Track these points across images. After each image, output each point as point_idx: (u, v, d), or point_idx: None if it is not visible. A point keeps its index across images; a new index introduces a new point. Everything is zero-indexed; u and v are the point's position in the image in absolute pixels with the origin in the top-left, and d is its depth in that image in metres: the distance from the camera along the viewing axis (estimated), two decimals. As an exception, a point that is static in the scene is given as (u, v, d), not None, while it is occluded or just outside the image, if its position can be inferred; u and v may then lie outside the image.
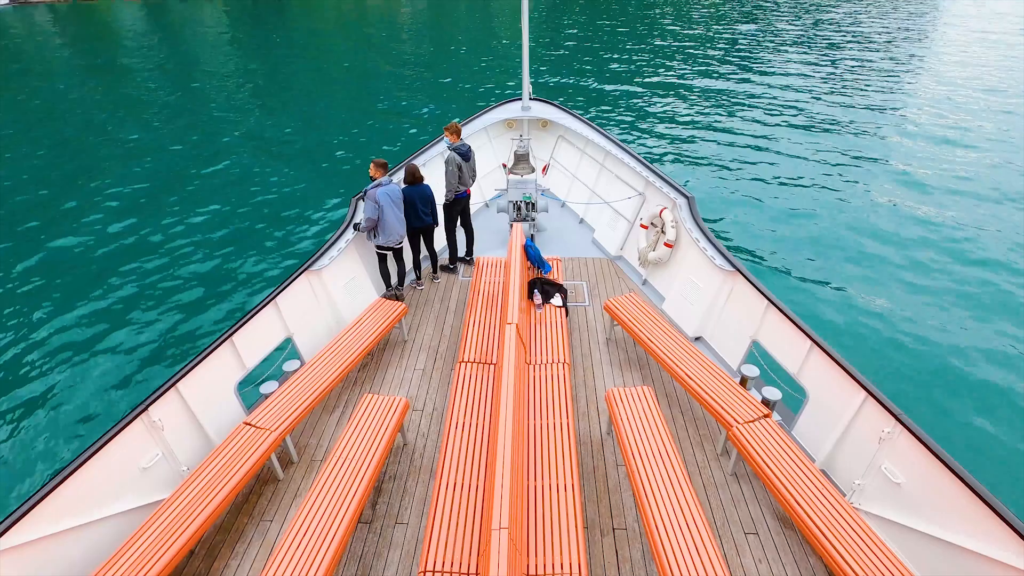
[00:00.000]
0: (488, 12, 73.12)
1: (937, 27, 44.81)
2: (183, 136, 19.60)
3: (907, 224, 12.31)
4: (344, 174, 15.57)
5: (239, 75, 32.87)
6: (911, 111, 21.55)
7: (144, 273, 10.78)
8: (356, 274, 7.08)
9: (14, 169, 16.43)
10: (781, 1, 73.30)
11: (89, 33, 54.17)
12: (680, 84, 26.55)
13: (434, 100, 24.47)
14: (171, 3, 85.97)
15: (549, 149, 10.53)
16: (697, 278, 6.76)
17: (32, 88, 28.61)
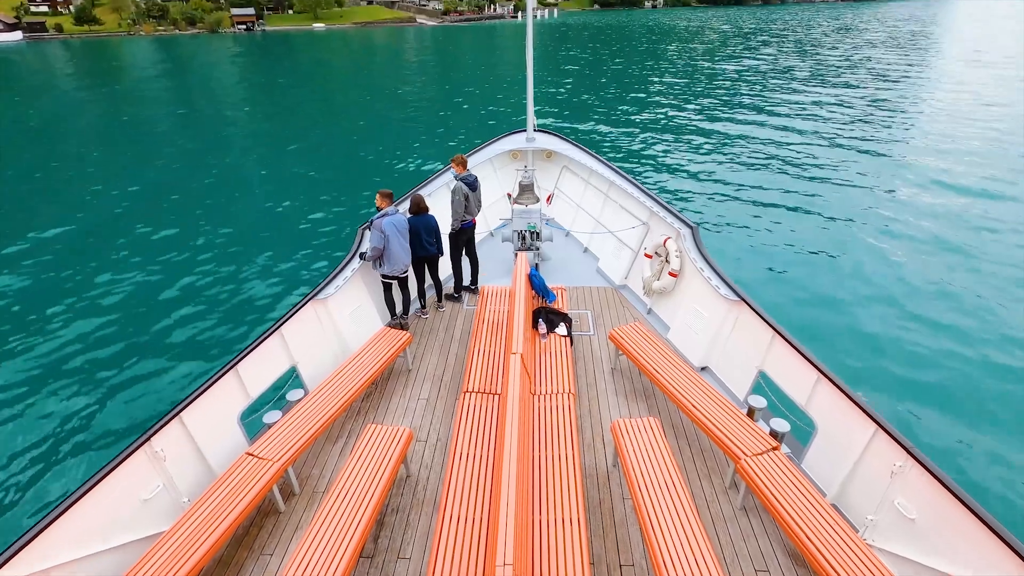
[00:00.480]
0: (493, 45, 74.95)
1: (934, 67, 45.53)
2: (190, 165, 20.01)
3: (915, 254, 12.30)
4: (350, 204, 15.78)
5: (247, 106, 33.65)
6: (916, 141, 21.81)
7: (149, 301, 10.86)
8: (361, 303, 7.11)
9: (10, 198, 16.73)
10: (784, 38, 74.90)
11: (101, 66, 55.53)
12: (683, 116, 26.97)
13: (439, 131, 24.93)
14: (181, 38, 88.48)
15: (553, 179, 10.66)
16: (702, 307, 6.74)
17: (41, 117, 29.30)
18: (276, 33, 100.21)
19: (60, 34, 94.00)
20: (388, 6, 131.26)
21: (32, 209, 15.92)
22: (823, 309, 10.17)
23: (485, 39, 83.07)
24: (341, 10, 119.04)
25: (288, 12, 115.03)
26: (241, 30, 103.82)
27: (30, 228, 14.44)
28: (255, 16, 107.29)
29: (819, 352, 5.40)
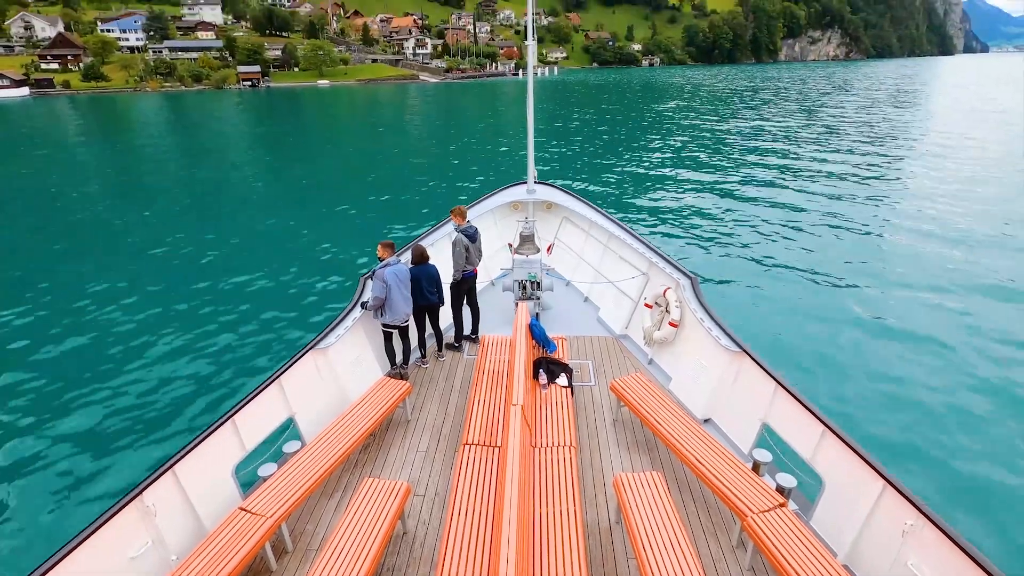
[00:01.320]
0: (494, 101, 77.80)
1: (929, 121, 47.12)
2: (193, 215, 20.40)
3: (919, 305, 12.36)
4: (352, 254, 16.00)
5: (251, 160, 34.64)
6: (914, 191, 22.37)
7: (147, 351, 10.85)
8: (362, 352, 7.12)
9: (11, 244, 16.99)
10: (779, 95, 77.81)
11: (108, 122, 57.30)
12: (681, 169, 27.71)
13: (442, 183, 25.57)
14: (187, 94, 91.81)
15: (554, 230, 10.88)
16: (703, 358, 6.75)
17: (47, 170, 30.04)
18: (281, 89, 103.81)
19: (67, 90, 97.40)
20: (392, 64, 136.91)
21: (27, 262, 16.15)
22: (825, 360, 10.15)
23: (487, 95, 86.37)
24: (346, 68, 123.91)
25: (294, 70, 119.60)
26: (246, 86, 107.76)
27: (22, 281, 14.58)
28: (260, 73, 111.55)
29: (823, 404, 5.36)
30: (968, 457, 7.85)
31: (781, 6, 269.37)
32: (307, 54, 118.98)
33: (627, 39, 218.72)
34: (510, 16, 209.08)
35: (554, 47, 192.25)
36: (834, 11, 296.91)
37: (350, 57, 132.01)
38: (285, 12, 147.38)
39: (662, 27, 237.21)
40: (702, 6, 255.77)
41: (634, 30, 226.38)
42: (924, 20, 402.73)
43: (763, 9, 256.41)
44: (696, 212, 19.77)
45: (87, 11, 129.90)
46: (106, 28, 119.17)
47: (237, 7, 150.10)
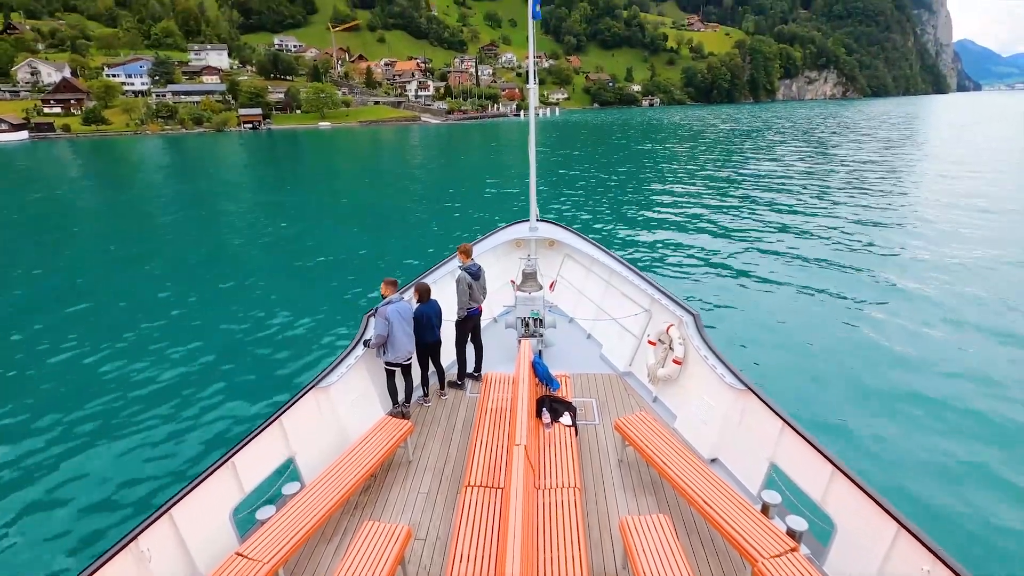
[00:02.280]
0: (496, 141, 79.59)
1: (928, 160, 47.88)
2: (191, 255, 20.67)
3: (929, 345, 12.34)
4: (355, 292, 16.13)
5: (248, 200, 35.30)
6: (920, 224, 22.61)
7: (146, 390, 10.86)
8: (364, 391, 7.15)
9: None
10: (779, 133, 79.49)
11: (109, 165, 58.47)
12: (682, 206, 28.10)
13: (445, 221, 25.97)
14: (187, 137, 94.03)
15: (556, 267, 11.03)
16: (708, 396, 6.76)
17: (48, 217, 30.55)
18: (281, 131, 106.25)
19: (67, 133, 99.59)
20: (394, 106, 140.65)
21: (27, 305, 16.31)
22: (832, 399, 10.11)
23: (489, 136, 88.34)
24: (347, 110, 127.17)
25: (296, 112, 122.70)
26: (247, 129, 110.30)
27: (21, 320, 14.71)
28: (262, 116, 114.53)
29: (832, 444, 5.33)
30: (987, 501, 7.72)
31: (777, 48, 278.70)
32: (309, 96, 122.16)
33: (627, 80, 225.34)
34: (512, 59, 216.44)
35: (555, 88, 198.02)
36: (829, 52, 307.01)
37: (352, 99, 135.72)
38: (290, 57, 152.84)
39: (661, 69, 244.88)
40: (699, 48, 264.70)
41: (633, 72, 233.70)
42: (917, 60, 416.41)
43: (759, 51, 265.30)
44: (697, 248, 19.99)
45: (95, 57, 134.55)
46: (112, 73, 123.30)
47: (244, 53, 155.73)
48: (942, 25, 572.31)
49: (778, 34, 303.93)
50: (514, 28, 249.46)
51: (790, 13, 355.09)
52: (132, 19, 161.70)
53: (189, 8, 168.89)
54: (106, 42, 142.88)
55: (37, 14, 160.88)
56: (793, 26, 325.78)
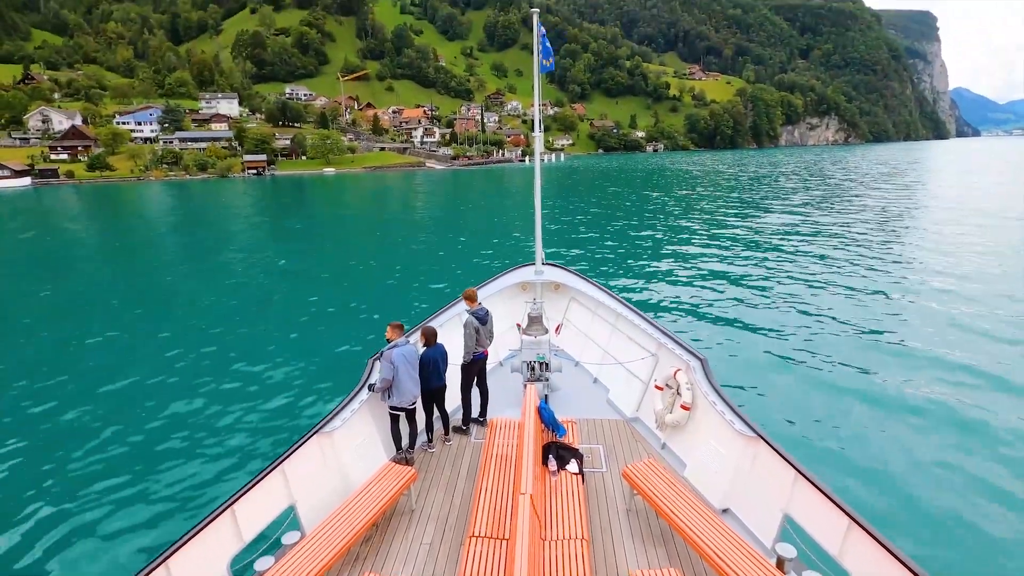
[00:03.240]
0: (502, 186, 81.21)
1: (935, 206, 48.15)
2: (199, 301, 20.80)
3: (948, 390, 12.20)
4: (360, 336, 16.21)
5: (253, 244, 35.81)
6: (930, 266, 22.66)
7: (145, 435, 10.82)
8: (368, 435, 7.15)
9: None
10: (786, 177, 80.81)
11: (112, 210, 59.69)
12: (688, 250, 28.36)
13: (450, 264, 26.29)
14: (191, 183, 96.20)
15: (562, 311, 11.13)
16: (718, 443, 6.71)
17: (52, 264, 31.01)
18: (285, 177, 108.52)
19: (70, 179, 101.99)
20: (399, 152, 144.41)
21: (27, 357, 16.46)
22: (846, 446, 9.95)
23: (493, 181, 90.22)
24: (352, 156, 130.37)
25: (302, 158, 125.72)
26: (251, 175, 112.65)
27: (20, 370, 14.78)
28: (266, 162, 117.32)
29: (849, 494, 5.24)
30: (1014, 557, 7.49)
31: (778, 96, 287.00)
32: (315, 143, 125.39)
33: (630, 127, 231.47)
34: (517, 107, 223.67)
35: (560, 135, 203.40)
36: (829, 100, 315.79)
37: (358, 145, 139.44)
38: (299, 105, 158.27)
39: (664, 116, 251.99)
40: (701, 96, 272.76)
41: (637, 119, 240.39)
42: (916, 107, 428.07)
43: (760, 99, 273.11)
44: (703, 292, 20.08)
45: (108, 105, 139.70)
46: (123, 120, 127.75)
47: (254, 102, 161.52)
48: (937, 74, 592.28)
49: (778, 83, 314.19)
50: (520, 77, 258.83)
51: (788, 63, 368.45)
52: (148, 70, 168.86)
53: (204, 60, 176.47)
54: (120, 91, 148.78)
55: (57, 65, 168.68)
56: (792, 75, 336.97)
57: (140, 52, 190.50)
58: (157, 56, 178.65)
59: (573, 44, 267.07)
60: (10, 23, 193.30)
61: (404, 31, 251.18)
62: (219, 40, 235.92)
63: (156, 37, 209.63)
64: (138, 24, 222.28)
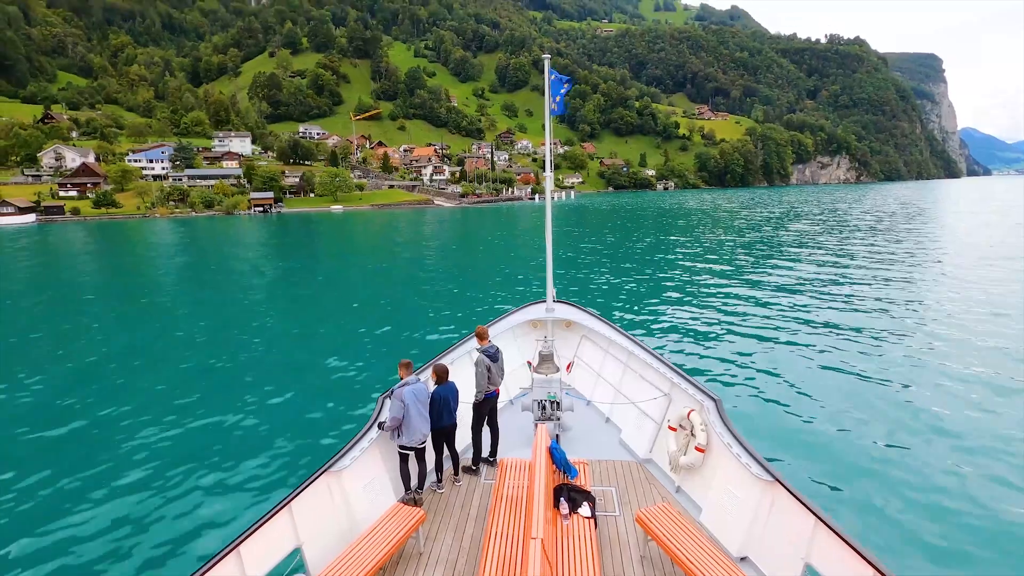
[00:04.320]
0: (512, 224, 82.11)
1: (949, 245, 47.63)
2: (202, 341, 20.97)
3: (980, 433, 11.93)
4: (370, 374, 16.25)
5: (264, 283, 36.23)
6: (950, 305, 22.24)
7: (149, 473, 10.80)
8: (376, 475, 7.13)
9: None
10: (800, 217, 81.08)
11: (117, 246, 60.44)
12: (702, 288, 28.38)
13: (460, 302, 26.44)
14: (197, 220, 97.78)
15: (573, 348, 11.15)
16: (734, 487, 6.61)
17: (55, 301, 31.48)
18: (292, 214, 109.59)
19: (75, 216, 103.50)
20: (408, 190, 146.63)
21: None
22: (869, 491, 9.70)
23: (503, 219, 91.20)
24: (360, 193, 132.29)
25: (310, 195, 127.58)
26: (257, 212, 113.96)
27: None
28: (273, 199, 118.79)
29: (873, 543, 5.12)
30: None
31: (787, 135, 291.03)
32: (323, 180, 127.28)
33: (640, 165, 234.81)
34: (528, 145, 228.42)
35: (570, 173, 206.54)
36: (839, 139, 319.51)
37: (366, 183, 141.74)
38: (310, 143, 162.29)
39: (674, 155, 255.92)
40: (711, 136, 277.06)
41: (647, 157, 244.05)
42: (926, 147, 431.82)
43: (771, 138, 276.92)
44: (715, 331, 19.99)
45: (122, 143, 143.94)
46: (135, 158, 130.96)
47: (267, 140, 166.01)
48: (945, 114, 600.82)
49: (787, 122, 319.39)
50: (530, 117, 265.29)
51: (796, 104, 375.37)
52: (166, 110, 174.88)
53: (221, 100, 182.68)
54: (136, 130, 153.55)
55: (78, 105, 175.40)
56: (801, 115, 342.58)
57: (160, 93, 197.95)
58: (176, 97, 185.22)
59: (583, 85, 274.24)
60: (37, 66, 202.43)
61: (418, 72, 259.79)
62: (237, 82, 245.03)
63: (176, 79, 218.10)
64: (160, 66, 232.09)
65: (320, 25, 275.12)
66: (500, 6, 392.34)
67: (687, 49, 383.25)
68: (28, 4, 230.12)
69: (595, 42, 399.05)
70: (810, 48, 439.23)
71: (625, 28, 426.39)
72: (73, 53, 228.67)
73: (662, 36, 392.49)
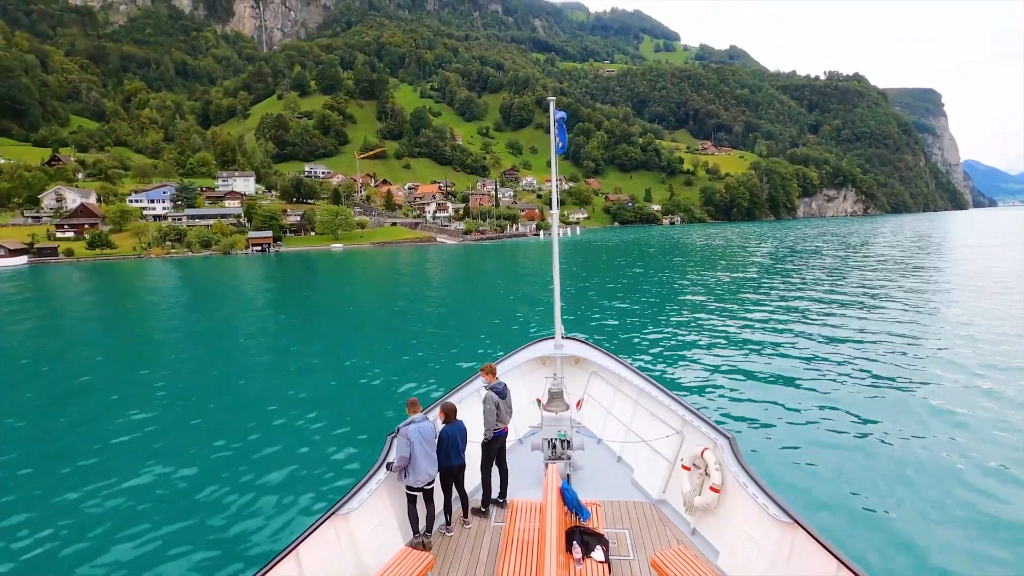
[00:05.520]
0: (516, 260, 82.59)
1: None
2: (203, 381, 20.99)
3: (1006, 471, 11.68)
4: (378, 413, 16.20)
5: (265, 323, 36.44)
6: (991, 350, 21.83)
7: (150, 517, 10.68)
8: (385, 517, 7.06)
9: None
10: (809, 249, 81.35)
11: (112, 287, 60.54)
12: (712, 324, 28.30)
13: (467, 339, 26.46)
14: (193, 260, 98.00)
15: (582, 385, 11.11)
16: (752, 529, 6.49)
17: (46, 348, 31.69)
18: (291, 253, 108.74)
19: (69, 258, 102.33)
20: (411, 227, 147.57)
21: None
22: (894, 534, 9.47)
23: (508, 255, 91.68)
24: (362, 231, 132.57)
25: (311, 234, 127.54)
26: (255, 251, 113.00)
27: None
28: (272, 238, 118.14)
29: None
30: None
31: (792, 169, 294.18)
32: (324, 219, 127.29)
33: (645, 200, 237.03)
34: (532, 182, 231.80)
35: (575, 208, 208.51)
36: (844, 172, 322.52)
37: (368, 220, 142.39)
38: (314, 181, 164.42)
39: (679, 189, 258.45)
40: (715, 170, 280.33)
41: (652, 192, 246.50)
42: (932, 179, 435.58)
43: (775, 172, 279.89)
44: (727, 367, 19.86)
45: (126, 184, 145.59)
46: (136, 199, 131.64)
47: (271, 179, 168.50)
48: (947, 146, 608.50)
49: (791, 156, 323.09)
50: (534, 154, 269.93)
51: (799, 138, 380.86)
52: (173, 151, 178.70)
53: (227, 141, 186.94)
54: (141, 171, 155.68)
55: (87, 148, 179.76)
56: (805, 149, 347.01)
57: (170, 135, 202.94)
58: (184, 138, 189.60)
59: (587, 123, 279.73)
60: (51, 110, 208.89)
61: (423, 112, 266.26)
62: (246, 123, 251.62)
63: (186, 122, 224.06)
64: (171, 110, 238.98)
65: (328, 68, 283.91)
66: (504, 49, 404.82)
67: (688, 87, 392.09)
68: (47, 53, 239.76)
69: (597, 82, 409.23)
70: (809, 84, 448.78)
71: (626, 68, 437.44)
72: (87, 98, 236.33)
73: (663, 75, 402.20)
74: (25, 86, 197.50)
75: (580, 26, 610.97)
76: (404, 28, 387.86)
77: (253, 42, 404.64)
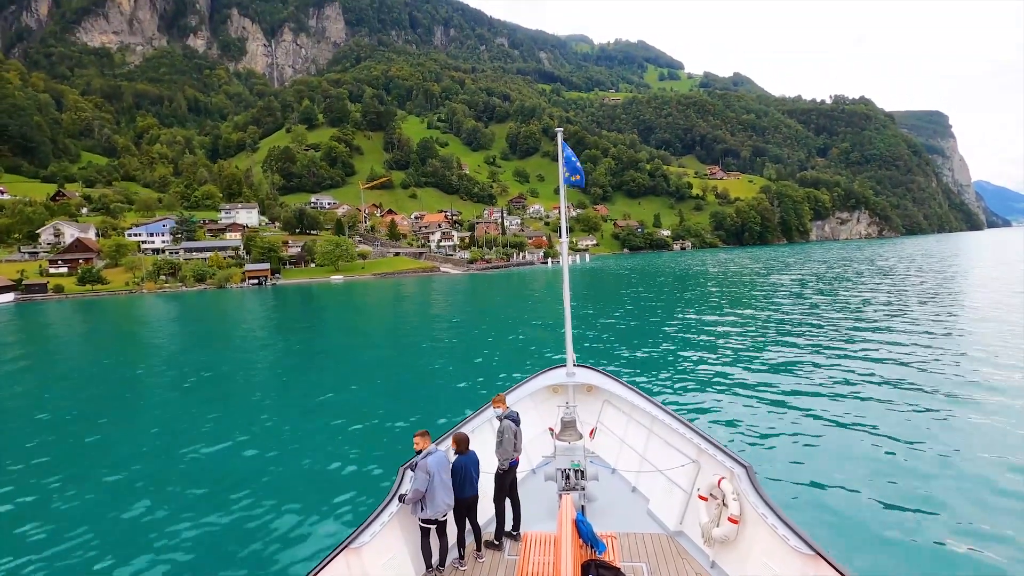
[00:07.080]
0: (526, 288, 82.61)
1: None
2: (203, 417, 21.06)
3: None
4: (385, 446, 16.16)
5: (264, 358, 36.54)
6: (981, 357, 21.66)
7: (158, 549, 10.68)
8: (397, 551, 7.05)
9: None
10: (819, 274, 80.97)
11: (102, 324, 60.38)
12: (728, 350, 28.15)
13: (476, 369, 26.42)
14: (186, 295, 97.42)
15: (595, 413, 11.10)
16: (773, 562, 6.44)
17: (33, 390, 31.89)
18: (289, 286, 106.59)
19: (58, 294, 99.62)
20: (415, 257, 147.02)
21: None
22: (918, 562, 9.29)
23: (515, 285, 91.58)
24: (363, 262, 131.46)
25: (311, 265, 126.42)
26: (252, 285, 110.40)
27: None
28: (270, 270, 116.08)
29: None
30: None
31: (803, 192, 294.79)
32: (324, 250, 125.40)
33: (655, 226, 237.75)
34: (540, 210, 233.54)
35: (583, 235, 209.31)
36: (857, 195, 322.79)
37: (370, 251, 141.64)
38: (317, 212, 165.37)
39: (688, 214, 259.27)
40: (724, 195, 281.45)
41: (661, 218, 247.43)
42: (944, 199, 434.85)
43: (786, 195, 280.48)
44: (742, 393, 19.71)
45: (128, 218, 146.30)
46: (135, 232, 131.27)
47: (275, 211, 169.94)
48: (957, 167, 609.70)
49: (801, 180, 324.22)
50: (541, 182, 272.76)
51: (807, 162, 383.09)
52: (180, 184, 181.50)
53: (234, 174, 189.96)
54: (144, 204, 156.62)
55: (94, 183, 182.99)
56: (815, 172, 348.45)
57: (179, 170, 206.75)
58: (191, 172, 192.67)
59: (594, 150, 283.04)
60: (62, 147, 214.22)
61: (430, 143, 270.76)
62: (255, 157, 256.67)
63: (195, 156, 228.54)
64: (181, 145, 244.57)
65: (336, 101, 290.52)
66: (510, 80, 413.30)
67: (694, 113, 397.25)
68: (62, 92, 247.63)
69: (603, 110, 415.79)
70: (816, 108, 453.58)
71: (632, 96, 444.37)
72: (99, 135, 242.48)
73: (668, 102, 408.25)
74: (37, 124, 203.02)
75: (585, 57, 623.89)
76: (412, 62, 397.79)
77: (265, 78, 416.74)
